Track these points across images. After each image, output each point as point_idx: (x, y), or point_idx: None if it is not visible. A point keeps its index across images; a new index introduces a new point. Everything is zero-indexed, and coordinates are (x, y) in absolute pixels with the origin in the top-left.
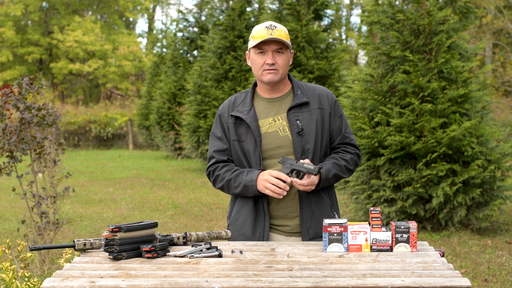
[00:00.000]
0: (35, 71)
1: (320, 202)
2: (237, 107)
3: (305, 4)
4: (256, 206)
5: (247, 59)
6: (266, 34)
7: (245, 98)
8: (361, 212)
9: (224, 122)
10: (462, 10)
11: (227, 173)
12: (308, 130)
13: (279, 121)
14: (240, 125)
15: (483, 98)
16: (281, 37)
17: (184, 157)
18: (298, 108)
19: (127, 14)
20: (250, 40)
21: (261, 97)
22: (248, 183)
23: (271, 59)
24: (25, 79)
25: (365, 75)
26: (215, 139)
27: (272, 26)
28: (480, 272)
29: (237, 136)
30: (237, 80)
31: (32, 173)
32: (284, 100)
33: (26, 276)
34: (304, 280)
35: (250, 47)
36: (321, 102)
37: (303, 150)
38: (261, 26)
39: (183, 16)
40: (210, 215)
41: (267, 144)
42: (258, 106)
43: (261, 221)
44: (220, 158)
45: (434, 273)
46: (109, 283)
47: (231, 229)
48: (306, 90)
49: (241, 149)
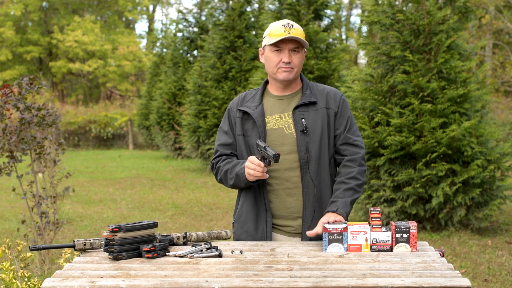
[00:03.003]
0: (34, 71)
1: (324, 203)
2: (246, 102)
3: (305, 4)
4: (257, 202)
5: (260, 56)
6: (283, 33)
7: (255, 95)
8: (361, 212)
9: (232, 117)
10: (462, 10)
11: (226, 165)
12: (313, 129)
13: (285, 118)
14: (247, 120)
15: (483, 97)
16: (298, 36)
17: (184, 157)
18: (305, 107)
19: (127, 14)
20: (266, 37)
21: (270, 94)
22: (239, 172)
23: (287, 57)
24: (25, 79)
25: (365, 75)
26: (222, 133)
27: (290, 24)
28: (480, 272)
29: (243, 130)
30: (237, 80)
31: (32, 173)
32: (293, 99)
33: (26, 276)
34: (304, 280)
35: (266, 44)
36: (328, 102)
37: (307, 149)
38: (278, 23)
39: (183, 16)
40: (210, 215)
41: (272, 140)
42: (266, 103)
43: (263, 217)
44: (224, 152)
45: (434, 273)
46: (109, 283)
47: (236, 226)
48: (315, 90)
49: (245, 144)
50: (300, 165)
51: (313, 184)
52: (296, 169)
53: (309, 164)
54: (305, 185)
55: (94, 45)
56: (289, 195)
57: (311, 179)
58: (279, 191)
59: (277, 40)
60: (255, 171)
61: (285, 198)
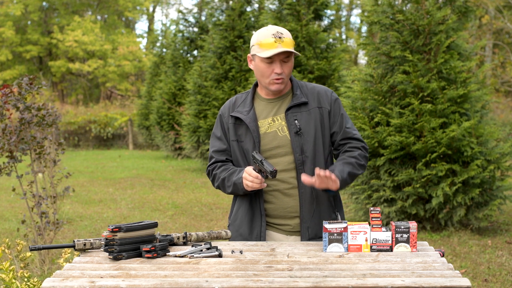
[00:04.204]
0: (34, 71)
1: (322, 202)
2: (237, 107)
3: (305, 4)
4: (253, 206)
5: (249, 63)
6: (274, 43)
7: (246, 99)
8: (361, 212)
9: (224, 123)
10: (461, 10)
11: (222, 173)
12: (307, 129)
13: (278, 121)
14: (240, 125)
15: (483, 98)
16: (289, 47)
17: (184, 157)
18: (297, 108)
19: (127, 14)
20: (256, 46)
21: (261, 97)
22: (237, 181)
23: (279, 68)
24: (24, 79)
25: (365, 75)
26: (215, 139)
27: (279, 33)
28: (480, 272)
29: (237, 136)
30: (237, 80)
31: (32, 173)
32: (284, 100)
33: (26, 276)
34: (304, 280)
35: (256, 54)
36: (320, 101)
37: (301, 150)
38: (266, 32)
39: (183, 16)
40: (210, 215)
41: (266, 144)
42: (258, 107)
43: (258, 221)
44: (219, 158)
45: (434, 273)
46: (109, 283)
47: (231, 229)
48: (305, 90)
49: (240, 149)
50: (296, 166)
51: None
52: (291, 170)
53: (304, 164)
54: (301, 186)
55: (94, 45)
56: (285, 195)
57: None
58: (276, 192)
59: (270, 55)
60: (253, 183)
61: (282, 198)
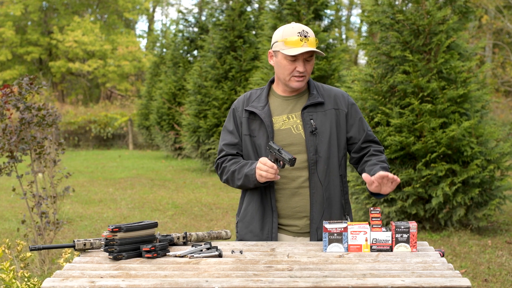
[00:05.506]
0: (34, 71)
1: (333, 204)
2: (252, 102)
3: (305, 4)
4: (264, 202)
5: (269, 58)
6: (300, 42)
7: (261, 94)
8: (361, 212)
9: (237, 117)
10: (462, 10)
11: (233, 166)
12: (322, 130)
13: (293, 119)
14: (254, 120)
15: (483, 98)
16: (314, 46)
17: (184, 157)
18: (313, 108)
19: (127, 14)
20: (280, 43)
21: (276, 94)
22: (249, 173)
23: (302, 67)
24: (25, 79)
25: (365, 75)
26: (227, 133)
27: (305, 32)
28: (480, 272)
29: (250, 131)
30: (237, 80)
31: (32, 173)
32: (300, 99)
33: (26, 276)
34: (304, 280)
35: (280, 51)
36: (337, 103)
37: (316, 150)
38: (292, 30)
39: (183, 16)
40: (210, 215)
41: (280, 140)
42: (273, 103)
43: (269, 217)
44: (229, 152)
45: (434, 273)
46: (109, 283)
47: (240, 226)
48: (322, 91)
49: (252, 144)
50: (309, 165)
51: (321, 185)
52: (304, 169)
53: (317, 164)
54: (312, 186)
55: (93, 45)
56: (294, 194)
57: (319, 180)
58: (285, 190)
59: (296, 53)
60: (268, 173)
61: (290, 198)
